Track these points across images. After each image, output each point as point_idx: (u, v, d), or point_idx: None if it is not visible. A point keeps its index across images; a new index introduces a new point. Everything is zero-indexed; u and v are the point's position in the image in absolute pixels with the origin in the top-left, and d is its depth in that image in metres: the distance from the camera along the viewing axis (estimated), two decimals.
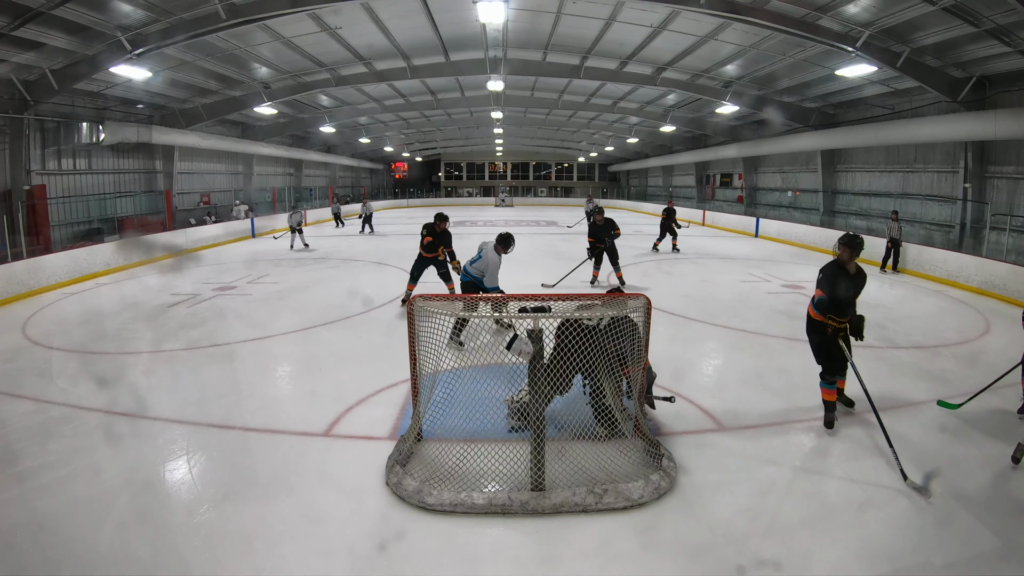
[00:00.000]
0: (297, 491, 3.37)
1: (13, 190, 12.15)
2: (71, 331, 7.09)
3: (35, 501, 3.25)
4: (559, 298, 3.65)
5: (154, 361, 5.88)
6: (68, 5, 8.90)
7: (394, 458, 3.59)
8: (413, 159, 42.41)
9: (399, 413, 4.45)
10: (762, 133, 19.99)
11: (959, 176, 12.76)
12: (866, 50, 10.41)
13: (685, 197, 29.15)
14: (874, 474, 3.60)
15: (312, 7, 10.06)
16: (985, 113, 11.03)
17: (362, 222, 19.71)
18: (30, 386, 5.09)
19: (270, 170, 25.05)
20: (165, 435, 4.12)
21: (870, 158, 16.15)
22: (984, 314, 8.02)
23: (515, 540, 3.00)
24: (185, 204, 18.76)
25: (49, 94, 11.72)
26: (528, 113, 25.06)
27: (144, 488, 3.42)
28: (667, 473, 3.46)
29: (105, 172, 15.40)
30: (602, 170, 43.88)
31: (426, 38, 13.27)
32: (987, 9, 8.71)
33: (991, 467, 3.69)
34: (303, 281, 10.53)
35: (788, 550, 2.86)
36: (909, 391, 5.00)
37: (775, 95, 16.22)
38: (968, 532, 3.02)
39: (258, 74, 15.08)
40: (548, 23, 12.34)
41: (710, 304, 8.32)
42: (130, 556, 2.80)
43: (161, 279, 11.25)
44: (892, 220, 11.70)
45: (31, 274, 9.54)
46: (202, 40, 10.97)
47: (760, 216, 19.57)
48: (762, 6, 9.85)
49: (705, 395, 4.85)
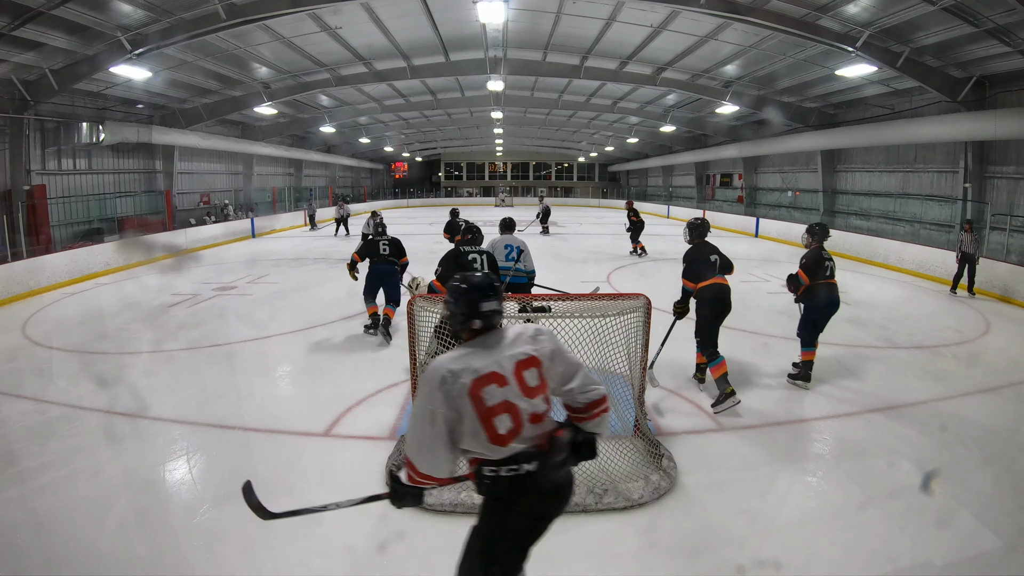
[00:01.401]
0: (297, 491, 3.37)
1: (13, 190, 12.15)
2: (71, 331, 7.09)
3: (35, 501, 3.25)
4: (559, 298, 3.65)
5: (154, 361, 5.88)
6: (68, 5, 8.90)
7: (394, 458, 3.59)
8: (413, 159, 42.40)
9: (399, 413, 4.44)
10: (762, 133, 19.99)
11: (959, 176, 12.75)
12: (866, 50, 10.41)
13: (685, 197, 29.16)
14: (874, 474, 3.60)
15: (312, 7, 10.06)
16: (985, 113, 11.03)
17: (337, 224, 19.10)
18: (30, 386, 5.09)
19: (270, 170, 25.05)
20: (165, 435, 4.11)
21: (870, 158, 16.15)
22: (984, 314, 8.02)
23: None
24: (185, 204, 18.75)
25: (49, 94, 11.71)
26: (528, 113, 25.05)
27: (144, 488, 3.42)
28: (667, 473, 3.46)
29: (105, 172, 15.40)
30: (602, 170, 43.87)
31: (426, 38, 13.27)
32: (987, 9, 8.71)
33: (991, 467, 3.69)
34: (303, 281, 10.54)
35: (788, 550, 2.86)
36: (909, 391, 4.99)
37: (775, 95, 16.22)
38: (968, 532, 3.02)
39: (258, 74, 15.08)
40: (548, 23, 12.34)
41: None
42: (130, 556, 2.80)
43: (161, 279, 11.26)
44: (965, 231, 9.26)
45: (31, 274, 9.55)
46: (202, 40, 10.96)
47: (760, 216, 19.59)
48: (762, 6, 9.85)
49: (705, 395, 4.84)
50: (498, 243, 5.75)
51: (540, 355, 1.83)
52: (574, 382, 1.88)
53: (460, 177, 45.08)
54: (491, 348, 1.82)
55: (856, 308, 8.29)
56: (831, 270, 5.02)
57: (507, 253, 5.71)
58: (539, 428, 1.79)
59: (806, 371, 5.05)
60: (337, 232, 18.74)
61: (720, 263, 4.83)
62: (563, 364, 1.88)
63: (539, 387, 1.81)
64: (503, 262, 5.64)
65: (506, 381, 1.75)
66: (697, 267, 4.79)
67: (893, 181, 15.35)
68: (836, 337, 6.69)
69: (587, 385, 1.89)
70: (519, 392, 1.76)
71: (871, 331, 7.03)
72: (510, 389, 1.75)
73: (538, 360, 1.82)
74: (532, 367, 1.80)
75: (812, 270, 4.97)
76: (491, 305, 1.86)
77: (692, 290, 4.80)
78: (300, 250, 15.18)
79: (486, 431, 1.72)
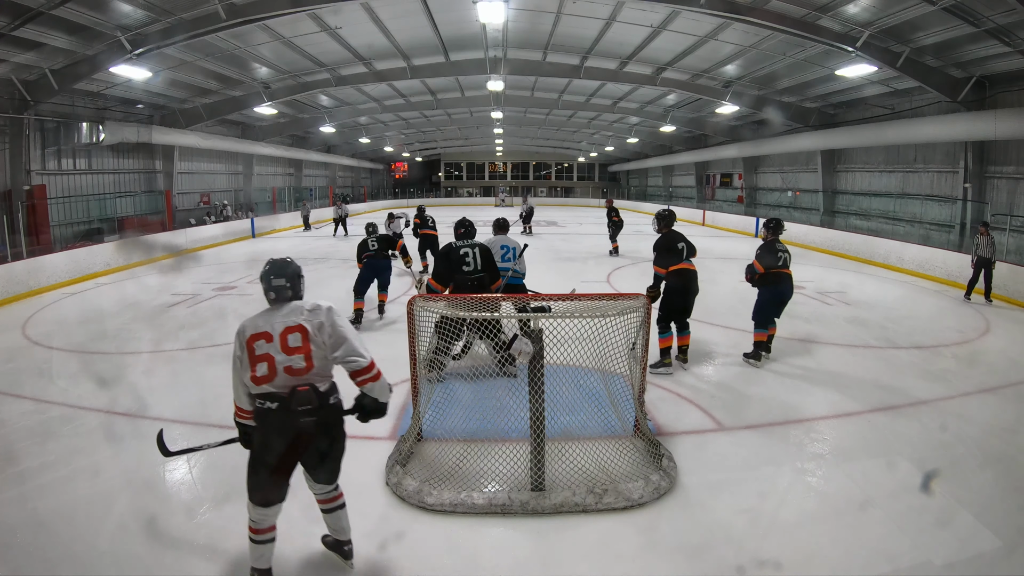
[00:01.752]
0: (297, 491, 3.36)
1: (13, 190, 12.15)
2: (71, 331, 7.09)
3: (35, 501, 3.25)
4: (559, 298, 3.65)
5: (154, 361, 5.88)
6: (68, 5, 8.90)
7: (394, 458, 3.59)
8: (413, 159, 42.39)
9: (399, 413, 4.44)
10: (762, 133, 19.99)
11: (959, 176, 12.76)
12: (866, 50, 10.41)
13: (685, 197, 29.15)
14: (874, 474, 3.60)
15: (312, 7, 10.06)
16: (985, 113, 11.04)
17: (335, 224, 19.03)
18: (30, 386, 5.09)
19: (270, 170, 25.05)
20: (165, 435, 4.10)
21: (870, 158, 16.15)
22: (984, 314, 8.02)
23: (515, 540, 3.00)
24: (185, 204, 18.74)
25: (49, 94, 11.71)
26: (528, 113, 25.05)
27: (144, 488, 3.42)
28: (667, 473, 3.46)
29: (105, 172, 15.40)
30: (602, 170, 43.87)
31: (426, 38, 13.27)
32: (987, 9, 8.71)
33: (991, 467, 3.69)
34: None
35: (788, 550, 2.86)
36: (909, 391, 4.99)
37: (775, 95, 16.22)
38: (968, 532, 3.02)
39: (258, 74, 15.08)
40: (548, 23, 12.34)
41: (710, 304, 8.30)
42: (130, 556, 2.80)
43: (161, 279, 11.26)
44: (980, 234, 8.67)
45: (31, 274, 9.54)
46: (202, 40, 10.96)
47: (760, 216, 19.53)
48: (762, 6, 9.85)
49: (705, 395, 4.85)
50: (494, 243, 5.77)
51: (308, 325, 2.39)
52: (338, 352, 2.40)
53: (460, 177, 45.07)
54: (273, 314, 2.44)
55: (856, 308, 8.29)
56: (784, 260, 5.58)
57: (504, 254, 5.73)
58: (292, 379, 2.34)
59: (757, 351, 5.67)
60: (336, 232, 18.71)
61: (687, 250, 5.36)
62: (332, 336, 2.40)
63: (300, 348, 2.35)
64: (500, 263, 5.65)
65: (272, 339, 2.35)
66: (666, 254, 5.35)
67: (893, 181, 15.35)
68: (836, 337, 6.71)
69: (349, 355, 2.40)
70: (279, 348, 2.35)
71: (871, 331, 7.03)
72: (273, 345, 2.35)
73: (305, 328, 2.38)
74: (297, 332, 2.37)
75: (767, 260, 5.53)
76: (279, 282, 2.48)
77: (662, 275, 5.32)
78: (300, 250, 15.17)
79: (250, 372, 2.36)
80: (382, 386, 2.52)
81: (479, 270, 4.92)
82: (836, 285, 10.13)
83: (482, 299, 3.69)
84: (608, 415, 3.99)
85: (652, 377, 4.98)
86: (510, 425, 3.63)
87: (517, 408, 3.53)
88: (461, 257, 4.91)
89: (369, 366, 2.44)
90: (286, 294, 2.49)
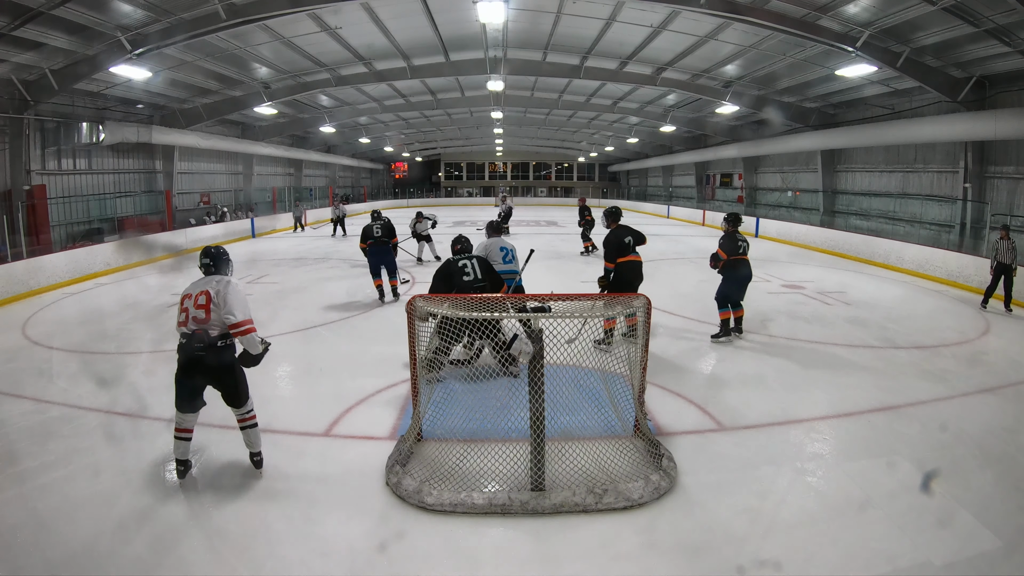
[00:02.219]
0: (297, 491, 3.38)
1: (13, 190, 12.15)
2: (71, 331, 7.09)
3: (35, 501, 3.25)
4: (559, 298, 3.65)
5: (154, 361, 5.87)
6: (68, 5, 8.90)
7: (394, 458, 3.59)
8: (413, 159, 42.41)
9: (399, 413, 4.44)
10: (762, 133, 19.99)
11: (959, 176, 12.76)
12: (866, 50, 10.41)
13: (685, 197, 29.16)
14: (874, 474, 3.59)
15: (312, 7, 10.06)
16: (985, 113, 11.04)
17: (334, 224, 18.95)
18: (30, 386, 5.09)
19: (270, 170, 25.05)
20: (165, 435, 4.11)
21: (870, 158, 16.15)
22: (984, 314, 8.02)
23: (515, 540, 3.00)
24: (185, 204, 18.75)
25: (49, 94, 11.72)
26: (528, 113, 25.06)
27: (144, 488, 3.42)
28: (667, 473, 3.46)
29: (105, 172, 15.41)
30: (602, 170, 43.89)
31: (426, 38, 13.27)
32: (987, 9, 8.71)
33: (991, 467, 3.69)
34: (303, 281, 10.53)
35: (788, 550, 2.86)
36: (909, 391, 4.99)
37: (775, 95, 16.22)
38: (968, 532, 3.02)
39: (258, 74, 15.08)
40: (548, 23, 12.34)
41: (710, 304, 8.30)
42: (130, 556, 2.80)
43: (161, 279, 11.25)
44: (1001, 238, 8.09)
45: (31, 274, 9.54)
46: (202, 40, 10.96)
47: (760, 216, 19.56)
48: (762, 6, 9.85)
49: (705, 395, 4.85)
50: (492, 246, 5.84)
51: (211, 290, 3.37)
52: (223, 311, 3.32)
53: (460, 177, 45.09)
54: (199, 283, 3.47)
55: (856, 308, 8.29)
56: (743, 249, 6.32)
57: (503, 255, 5.79)
58: (196, 325, 3.33)
59: (725, 330, 6.35)
60: (335, 232, 18.70)
61: (633, 242, 5.97)
62: (224, 302, 3.33)
63: (203, 305, 3.34)
64: (502, 264, 5.69)
65: (191, 297, 3.38)
66: (615, 249, 5.89)
67: (893, 181, 15.35)
68: (836, 337, 6.71)
69: (226, 314, 3.32)
70: (192, 305, 3.35)
71: (871, 331, 7.03)
72: (191, 301, 3.37)
73: (209, 293, 3.36)
74: (204, 295, 3.36)
75: (729, 248, 6.24)
76: (205, 261, 3.62)
77: (611, 269, 5.86)
78: (300, 250, 15.18)
79: (178, 317, 3.41)
80: (250, 340, 3.36)
81: (480, 279, 5.01)
82: (836, 285, 10.12)
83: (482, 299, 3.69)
84: (608, 415, 4.00)
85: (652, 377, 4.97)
86: (510, 425, 3.64)
87: (517, 408, 3.54)
88: (460, 269, 5.03)
89: (239, 323, 3.32)
90: (210, 270, 3.57)
